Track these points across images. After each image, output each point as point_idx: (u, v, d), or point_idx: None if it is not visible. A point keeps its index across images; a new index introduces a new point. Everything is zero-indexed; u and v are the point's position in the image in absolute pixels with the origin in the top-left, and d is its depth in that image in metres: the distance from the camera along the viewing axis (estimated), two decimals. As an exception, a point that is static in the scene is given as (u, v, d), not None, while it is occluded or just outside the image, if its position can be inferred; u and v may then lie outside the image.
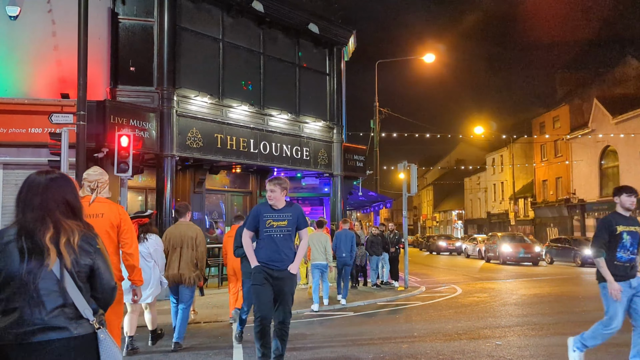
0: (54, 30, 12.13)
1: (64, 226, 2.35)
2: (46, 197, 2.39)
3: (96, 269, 2.39)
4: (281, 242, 5.33)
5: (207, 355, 6.86)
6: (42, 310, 2.25)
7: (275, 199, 5.36)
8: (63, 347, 2.25)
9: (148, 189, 15.00)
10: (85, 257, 2.36)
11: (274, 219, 5.34)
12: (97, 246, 2.43)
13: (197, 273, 7.05)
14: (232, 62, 14.49)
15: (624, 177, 32.66)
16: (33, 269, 2.25)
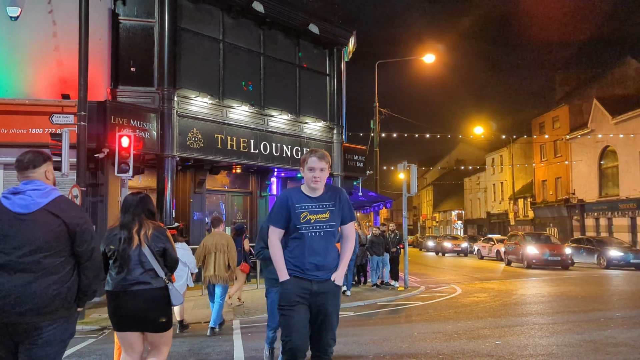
0: (54, 30, 12.16)
1: (144, 224, 4.10)
2: (136, 207, 4.16)
3: (166, 249, 4.14)
4: (322, 243, 3.83)
5: (208, 355, 6.89)
6: (135, 272, 3.99)
7: (322, 180, 3.84)
8: (148, 293, 3.98)
9: (148, 189, 15.03)
10: (158, 243, 4.10)
11: (312, 211, 3.85)
12: (166, 235, 4.19)
13: (229, 273, 8.45)
14: (232, 63, 14.53)
15: (623, 177, 32.72)
16: (126, 248, 4.01)
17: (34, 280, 3.07)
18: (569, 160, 38.77)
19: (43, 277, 3.10)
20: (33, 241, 3.09)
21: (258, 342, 7.71)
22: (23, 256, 3.07)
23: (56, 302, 3.12)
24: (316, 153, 3.89)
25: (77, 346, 7.63)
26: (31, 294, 3.05)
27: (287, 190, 4.08)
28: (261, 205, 17.22)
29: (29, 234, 3.09)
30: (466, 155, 67.35)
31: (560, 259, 22.53)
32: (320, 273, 3.83)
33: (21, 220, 3.10)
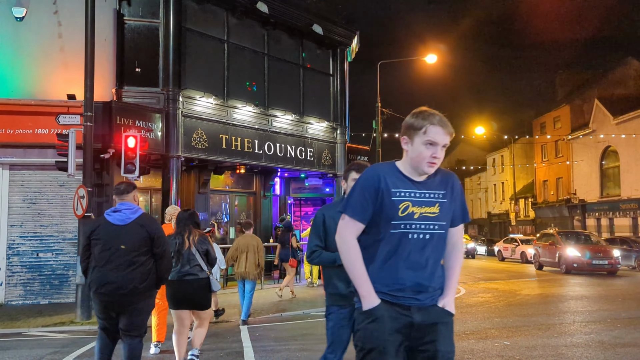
0: (59, 31, 12.16)
1: (192, 232, 5.64)
2: (187, 220, 5.71)
3: (208, 250, 5.67)
4: (428, 250, 2.55)
5: (218, 356, 6.90)
6: (187, 266, 5.54)
7: (439, 159, 2.61)
8: (196, 282, 5.54)
9: (152, 189, 15.04)
10: (202, 245, 5.63)
11: (416, 201, 2.57)
12: (207, 240, 5.75)
13: (258, 271, 9.20)
14: (236, 63, 14.54)
15: (624, 177, 32.75)
16: (180, 249, 5.53)
17: (130, 271, 4.52)
18: (570, 161, 38.80)
19: (135, 269, 4.55)
20: (129, 245, 4.54)
21: (267, 342, 7.73)
22: (124, 254, 4.53)
23: (144, 286, 4.59)
24: (439, 120, 2.58)
25: (86, 347, 7.62)
26: (129, 280, 4.51)
27: (376, 165, 2.75)
28: (265, 205, 17.23)
29: (126, 240, 4.55)
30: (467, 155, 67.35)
31: (608, 262, 18.89)
32: (423, 296, 2.52)
33: (118, 230, 4.56)
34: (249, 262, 9.05)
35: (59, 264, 11.88)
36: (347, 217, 2.60)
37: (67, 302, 11.49)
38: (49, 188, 11.95)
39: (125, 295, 4.50)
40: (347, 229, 2.59)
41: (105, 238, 4.56)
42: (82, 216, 9.98)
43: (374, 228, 2.57)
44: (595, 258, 18.86)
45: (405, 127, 2.65)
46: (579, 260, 19.06)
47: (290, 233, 11.97)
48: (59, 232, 11.94)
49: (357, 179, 2.72)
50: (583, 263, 18.96)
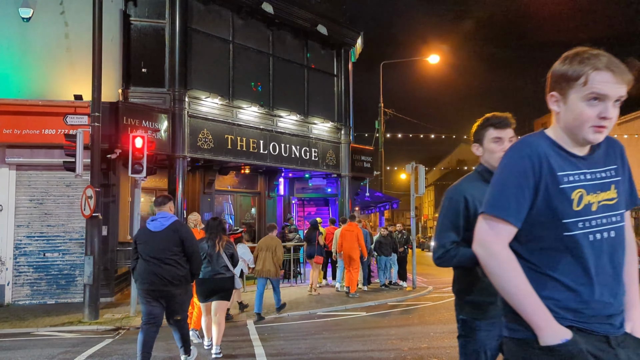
0: (66, 31, 12.17)
1: (221, 237, 6.75)
2: (216, 227, 6.83)
3: (233, 253, 6.81)
4: (614, 253, 1.88)
5: (230, 356, 6.92)
6: (216, 266, 6.63)
7: (610, 120, 1.90)
8: (223, 280, 6.64)
9: (158, 189, 15.06)
10: (229, 249, 6.77)
11: (590, 185, 1.87)
12: (232, 245, 6.92)
13: (275, 269, 9.96)
14: (242, 64, 14.56)
15: (626, 177, 32.76)
16: (211, 252, 6.65)
17: (169, 268, 5.62)
18: (571, 161, 38.80)
19: (173, 266, 5.65)
20: (164, 247, 5.66)
21: (276, 342, 7.75)
22: (161, 254, 5.64)
23: (180, 279, 5.70)
24: (607, 62, 1.85)
25: (96, 346, 7.66)
26: (166, 275, 5.60)
27: (528, 139, 1.95)
28: (269, 205, 17.25)
29: (161, 243, 5.66)
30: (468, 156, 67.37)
31: None
32: (616, 320, 1.85)
33: (156, 235, 5.70)
34: (268, 261, 9.90)
35: (65, 264, 11.90)
36: (494, 217, 1.83)
37: (74, 302, 11.52)
38: (56, 188, 11.96)
39: (165, 287, 5.63)
40: (494, 235, 1.82)
41: (145, 242, 5.76)
42: (89, 216, 10.00)
43: (533, 231, 1.84)
44: None
45: (555, 78, 1.88)
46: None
47: (317, 231, 12.62)
48: (66, 232, 11.96)
49: (502, 160, 1.90)
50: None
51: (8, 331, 9.03)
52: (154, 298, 5.66)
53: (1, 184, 11.67)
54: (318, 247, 12.56)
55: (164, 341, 7.94)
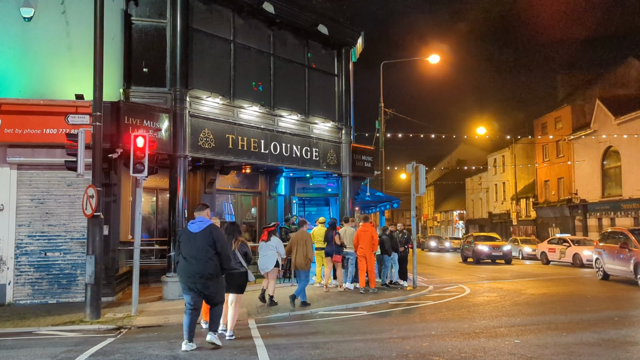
0: (67, 30, 12.17)
1: (237, 238, 8.04)
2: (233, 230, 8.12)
3: (246, 252, 8.06)
4: None
5: (232, 354, 6.93)
6: (232, 263, 7.58)
7: None
8: (238, 274, 7.84)
9: (159, 189, 15.11)
10: (243, 248, 8.05)
11: None
12: (246, 245, 8.17)
13: (306, 262, 11.12)
14: (242, 63, 14.57)
15: (626, 177, 32.81)
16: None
17: (205, 263, 6.91)
18: (571, 161, 38.85)
19: (208, 262, 6.94)
20: (201, 246, 6.94)
21: (278, 340, 7.77)
22: (198, 252, 6.93)
23: (213, 273, 6.97)
24: None
25: (98, 345, 7.67)
26: (202, 269, 6.90)
27: None
28: (270, 205, 17.27)
29: (199, 242, 6.95)
30: (467, 156, 67.39)
31: None
32: None
33: (195, 235, 7.00)
34: (300, 254, 11.12)
35: (67, 263, 11.91)
36: None
37: (76, 301, 11.52)
38: (57, 188, 11.97)
39: (202, 279, 6.93)
40: None
41: (185, 241, 7.06)
42: (91, 215, 10.01)
43: None
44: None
45: None
46: None
47: (334, 232, 13.21)
48: (67, 232, 11.97)
49: None
50: None
51: (10, 330, 9.04)
52: (191, 289, 7.01)
53: (2, 184, 11.67)
54: (336, 246, 13.16)
55: (166, 340, 7.96)
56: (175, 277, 12.20)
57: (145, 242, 14.40)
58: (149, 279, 14.01)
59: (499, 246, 27.30)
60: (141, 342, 7.87)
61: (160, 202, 15.27)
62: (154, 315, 10.27)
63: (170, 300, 11.98)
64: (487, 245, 27.24)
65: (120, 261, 13.06)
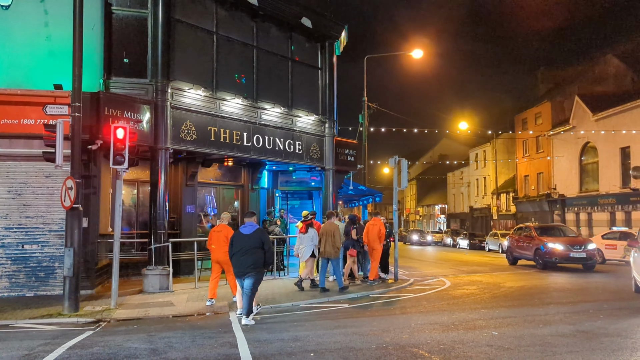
0: (46, 20, 11.95)
1: None
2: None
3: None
4: None
5: (212, 347, 6.93)
6: None
7: None
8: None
9: (139, 181, 14.95)
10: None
11: None
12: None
13: (334, 250, 12.10)
14: (225, 55, 14.46)
15: (602, 173, 33.42)
16: None
17: (252, 257, 8.53)
18: (550, 156, 39.43)
19: (254, 257, 8.55)
20: (251, 244, 8.57)
21: (259, 333, 7.78)
22: (248, 249, 8.55)
23: (259, 265, 8.62)
24: None
25: (77, 338, 7.60)
26: (251, 263, 8.53)
27: None
28: (252, 198, 17.21)
29: (249, 242, 8.60)
30: (450, 150, 67.99)
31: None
32: None
33: (246, 237, 8.65)
34: (328, 245, 12.10)
35: (44, 255, 11.74)
36: None
37: (54, 294, 11.38)
38: (35, 179, 11.78)
39: (249, 269, 8.57)
40: None
41: (239, 240, 8.73)
42: (70, 208, 9.88)
43: None
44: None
45: None
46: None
47: (352, 226, 13.55)
48: (45, 224, 11.79)
49: None
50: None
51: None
52: (242, 277, 8.64)
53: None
54: (352, 240, 13.49)
55: (146, 333, 7.92)
56: (156, 270, 12.18)
57: (125, 235, 14.26)
58: (129, 272, 13.89)
59: (579, 244, 18.78)
60: (120, 335, 7.83)
61: (141, 194, 15.12)
62: (134, 308, 10.20)
63: (150, 293, 11.91)
64: (561, 243, 18.76)
65: (100, 254, 12.92)
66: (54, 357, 6.48)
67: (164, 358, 6.34)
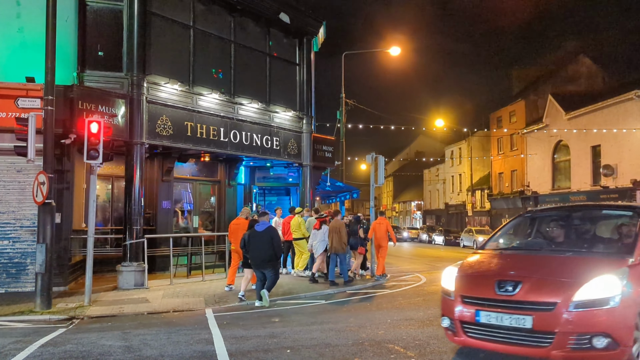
0: (18, 11, 11.65)
1: None
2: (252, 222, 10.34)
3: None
4: None
5: (188, 344, 6.89)
6: None
7: None
8: None
9: (114, 176, 14.73)
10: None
11: None
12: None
13: (342, 246, 12.75)
14: (202, 50, 14.32)
15: (574, 171, 34.18)
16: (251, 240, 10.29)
17: (265, 252, 9.73)
18: (524, 154, 40.15)
19: (267, 251, 9.72)
20: (265, 240, 9.73)
21: (236, 330, 7.77)
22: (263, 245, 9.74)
23: (272, 258, 9.83)
24: None
25: (49, 336, 7.47)
26: (265, 257, 9.76)
27: None
28: (229, 194, 17.12)
29: (262, 238, 9.77)
30: (426, 147, 68.65)
31: None
32: None
33: (259, 234, 9.82)
34: (335, 240, 12.73)
35: (16, 252, 11.49)
36: None
37: (25, 291, 11.16)
38: (6, 174, 11.51)
39: (264, 262, 9.75)
40: None
41: (254, 237, 9.79)
42: (42, 203, 9.69)
43: None
44: None
45: None
46: None
47: (359, 225, 14.17)
48: (17, 220, 11.53)
49: None
50: None
51: (-46, 321, 8.68)
52: (258, 269, 9.87)
53: (-54, 169, 11.13)
54: (360, 238, 14.11)
55: (120, 330, 7.84)
56: (131, 267, 12.04)
57: (99, 231, 14.05)
58: (103, 268, 13.68)
59: None
60: (94, 333, 7.73)
61: (116, 189, 14.90)
62: (108, 305, 10.07)
63: (125, 289, 11.77)
64: None
65: (74, 250, 12.70)
66: (25, 355, 6.37)
67: (138, 356, 6.28)
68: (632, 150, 28.53)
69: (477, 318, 5.40)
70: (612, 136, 29.82)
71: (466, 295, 5.63)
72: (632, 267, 5.18)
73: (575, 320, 4.85)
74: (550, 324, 4.91)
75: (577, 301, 4.90)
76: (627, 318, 4.88)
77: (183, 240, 14.74)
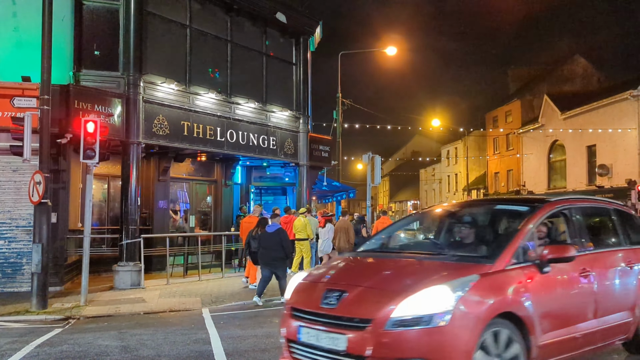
0: (14, 10, 11.61)
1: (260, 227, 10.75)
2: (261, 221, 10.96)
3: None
4: None
5: (185, 344, 6.90)
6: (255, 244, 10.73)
7: None
8: None
9: (110, 176, 14.71)
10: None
11: None
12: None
13: (348, 246, 12.84)
14: (199, 49, 14.30)
15: (570, 170, 34.32)
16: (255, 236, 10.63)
17: (275, 252, 10.09)
18: (520, 154, 40.29)
19: (276, 250, 10.09)
20: (275, 241, 10.10)
21: (232, 330, 7.78)
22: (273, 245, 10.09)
23: (279, 258, 10.19)
24: None
25: (45, 336, 7.47)
26: (274, 256, 10.11)
27: None
28: (226, 193, 17.11)
29: (273, 239, 10.14)
30: (422, 147, 68.77)
31: None
32: None
33: (269, 235, 10.19)
34: (342, 240, 12.99)
35: (12, 252, 11.45)
36: None
37: (21, 291, 11.12)
38: (2, 173, 11.45)
39: (273, 261, 10.10)
40: None
41: (265, 238, 10.19)
42: (38, 202, 9.67)
43: None
44: None
45: None
46: None
47: (362, 225, 14.38)
48: (12, 219, 11.50)
49: None
50: None
51: (-50, 321, 8.66)
52: (266, 268, 10.19)
53: (-59, 168, 11.08)
54: (363, 238, 14.01)
55: (117, 330, 7.84)
56: (127, 267, 12.02)
57: (96, 231, 14.02)
58: (99, 268, 13.65)
59: None
60: (90, 333, 7.72)
61: (112, 189, 14.88)
62: (104, 305, 10.06)
63: (121, 289, 11.75)
64: None
65: (70, 250, 12.67)
66: (21, 355, 6.36)
67: (135, 356, 6.29)
68: (627, 150, 28.67)
69: (299, 335, 4.34)
70: (607, 136, 29.95)
71: (294, 308, 4.55)
72: (485, 276, 4.10)
73: (390, 343, 3.80)
74: (362, 346, 3.85)
75: (395, 318, 3.82)
76: (461, 341, 3.81)
77: (179, 240, 14.72)
